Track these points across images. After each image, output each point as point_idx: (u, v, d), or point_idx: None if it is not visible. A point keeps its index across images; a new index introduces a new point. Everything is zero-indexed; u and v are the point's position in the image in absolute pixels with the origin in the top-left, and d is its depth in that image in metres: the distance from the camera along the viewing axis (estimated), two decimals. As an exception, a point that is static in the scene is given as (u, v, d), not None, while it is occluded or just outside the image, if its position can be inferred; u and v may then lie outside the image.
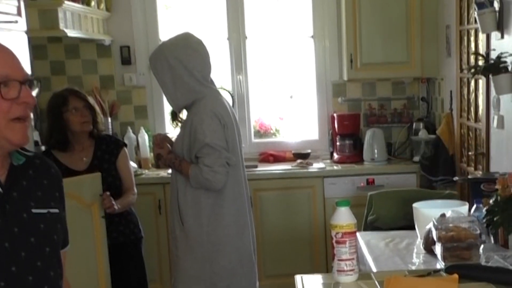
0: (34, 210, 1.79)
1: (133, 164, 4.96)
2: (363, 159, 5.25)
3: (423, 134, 5.12)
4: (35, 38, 4.66)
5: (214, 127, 3.30)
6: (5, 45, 1.77)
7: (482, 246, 2.60)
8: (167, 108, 5.55)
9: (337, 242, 2.21)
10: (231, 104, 5.22)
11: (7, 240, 1.71)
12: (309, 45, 5.53)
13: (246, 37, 5.45)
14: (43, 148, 3.91)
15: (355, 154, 5.30)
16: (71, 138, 3.71)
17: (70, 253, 2.02)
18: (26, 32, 3.19)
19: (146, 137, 5.28)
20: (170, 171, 4.97)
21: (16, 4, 3.05)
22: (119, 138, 4.16)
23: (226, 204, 3.43)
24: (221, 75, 5.42)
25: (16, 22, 2.98)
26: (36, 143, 4.06)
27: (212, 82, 3.50)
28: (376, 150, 5.20)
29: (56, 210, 1.87)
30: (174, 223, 3.49)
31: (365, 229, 3.87)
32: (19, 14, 3.08)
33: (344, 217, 2.22)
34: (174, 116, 3.58)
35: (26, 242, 1.75)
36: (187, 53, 3.36)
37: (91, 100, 3.88)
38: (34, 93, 1.77)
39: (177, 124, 3.58)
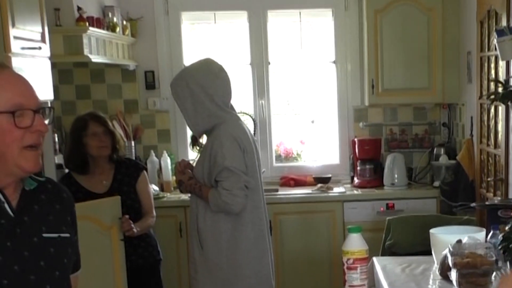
0: (45, 235, 1.82)
1: (155, 187, 5.04)
2: (383, 184, 5.26)
3: (443, 159, 5.12)
4: (61, 62, 4.77)
5: (234, 151, 3.32)
6: (19, 74, 1.81)
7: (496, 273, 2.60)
8: (190, 132, 5.60)
9: (348, 268, 2.24)
10: (252, 128, 5.33)
11: (16, 263, 1.73)
12: (331, 70, 5.58)
13: (269, 63, 5.51)
14: (67, 170, 3.98)
15: (375, 178, 5.31)
16: (90, 162, 3.78)
17: (89, 276, 2.05)
18: (50, 58, 3.26)
19: (169, 160, 5.34)
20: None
21: (40, 30, 3.13)
22: (139, 162, 4.22)
23: (245, 229, 3.44)
24: (243, 100, 5.49)
25: (40, 48, 3.05)
26: (59, 166, 4.12)
27: (232, 107, 3.53)
28: (396, 175, 5.21)
29: (67, 235, 1.89)
30: (193, 247, 3.51)
31: (383, 254, 3.88)
32: (43, 40, 3.15)
33: (355, 243, 2.25)
34: (195, 141, 3.60)
35: (36, 266, 1.78)
36: (209, 78, 3.39)
37: (111, 125, 3.95)
38: (47, 121, 1.80)
39: (197, 149, 3.61)
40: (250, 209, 3.45)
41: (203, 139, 3.58)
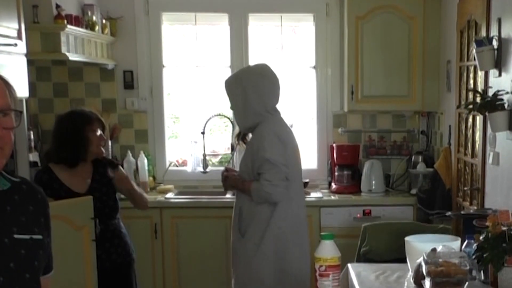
0: (16, 236, 1.79)
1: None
2: (360, 190, 5.27)
3: (421, 167, 5.13)
4: (39, 60, 4.72)
5: (274, 144, 3.58)
6: None
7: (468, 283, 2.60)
8: (168, 133, 5.61)
9: (321, 275, 2.22)
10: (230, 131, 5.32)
11: None
12: (311, 75, 5.57)
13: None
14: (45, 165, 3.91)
15: (353, 184, 5.31)
16: (82, 158, 3.71)
17: (59, 276, 2.03)
18: (26, 55, 3.22)
19: (146, 161, 5.31)
20: (168, 195, 5.05)
21: (17, 27, 3.09)
22: (113, 160, 4.19)
23: (285, 217, 3.65)
24: (220, 103, 5.48)
25: (16, 45, 3.02)
26: (34, 164, 4.07)
27: (277, 110, 3.77)
28: (374, 182, 5.22)
29: (40, 236, 1.86)
30: (236, 239, 3.75)
31: (358, 261, 3.87)
32: (19, 37, 3.12)
33: (328, 250, 2.23)
34: (242, 137, 3.86)
35: (5, 267, 1.75)
36: (262, 82, 3.68)
37: None
38: (15, 124, 1.77)
39: (242, 145, 3.90)
40: (288, 200, 3.65)
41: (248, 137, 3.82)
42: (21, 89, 3.12)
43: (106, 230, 3.69)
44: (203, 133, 5.41)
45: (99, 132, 3.74)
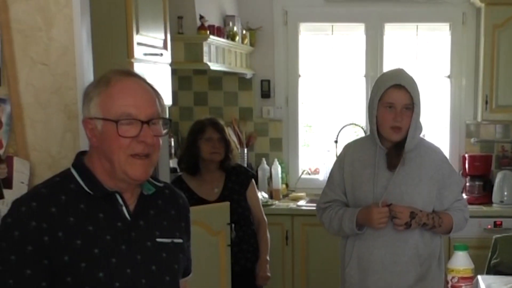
0: (158, 239, 1.85)
1: (264, 195, 5.13)
2: (492, 201, 5.16)
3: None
4: (181, 69, 4.92)
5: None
6: (142, 84, 1.84)
7: None
8: (301, 141, 5.68)
9: (453, 287, 2.20)
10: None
11: (129, 267, 1.78)
12: (444, 85, 5.53)
13: (383, 76, 5.47)
14: (179, 173, 4.10)
15: (484, 195, 5.23)
16: (202, 165, 3.86)
17: (195, 280, 2.07)
18: (170, 64, 3.37)
19: (279, 169, 5.41)
20: (300, 203, 5.11)
21: (163, 37, 3.24)
22: (249, 169, 4.28)
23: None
24: (356, 112, 5.50)
25: (161, 55, 3.16)
26: (173, 169, 4.25)
27: None
28: (506, 193, 5.10)
29: (180, 240, 1.92)
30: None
31: (488, 273, 3.79)
32: (165, 47, 3.25)
33: (461, 262, 2.22)
34: (395, 159, 2.95)
35: (147, 270, 1.81)
36: None
37: (228, 133, 3.99)
38: (164, 131, 1.83)
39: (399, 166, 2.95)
40: None
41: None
42: (165, 98, 3.20)
43: (235, 236, 3.76)
44: (336, 141, 5.44)
45: (217, 135, 3.83)
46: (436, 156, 3.03)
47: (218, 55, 4.61)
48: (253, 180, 3.98)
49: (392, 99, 2.88)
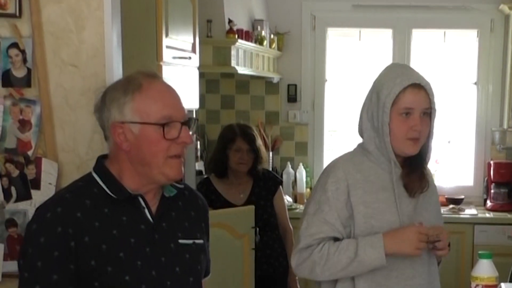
0: (180, 241, 1.86)
1: (288, 198, 5.13)
2: (516, 209, 5.15)
3: None
4: (209, 73, 4.94)
5: None
6: (168, 85, 1.87)
7: None
8: (327, 146, 5.67)
9: (476, 295, 2.18)
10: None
11: (154, 269, 1.79)
12: (471, 91, 5.53)
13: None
14: (205, 176, 4.12)
15: (509, 202, 5.23)
16: (229, 171, 3.90)
17: (219, 282, 2.09)
18: (198, 68, 3.38)
19: (304, 173, 5.41)
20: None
21: (192, 41, 3.26)
22: (277, 176, 4.28)
23: None
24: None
25: (190, 58, 3.18)
26: (199, 172, 4.27)
27: None
28: (531, 201, 5.07)
29: (201, 241, 1.94)
30: None
31: (511, 281, 3.75)
32: (193, 50, 3.26)
33: (486, 270, 2.20)
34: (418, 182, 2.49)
35: (171, 272, 1.82)
36: None
37: (258, 142, 3.96)
38: (191, 132, 1.84)
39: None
40: None
41: None
42: (193, 101, 3.26)
43: (259, 241, 3.77)
44: (361, 147, 5.42)
45: (246, 146, 3.84)
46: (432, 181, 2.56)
47: (245, 59, 4.62)
48: (280, 187, 3.99)
49: (411, 103, 2.35)
